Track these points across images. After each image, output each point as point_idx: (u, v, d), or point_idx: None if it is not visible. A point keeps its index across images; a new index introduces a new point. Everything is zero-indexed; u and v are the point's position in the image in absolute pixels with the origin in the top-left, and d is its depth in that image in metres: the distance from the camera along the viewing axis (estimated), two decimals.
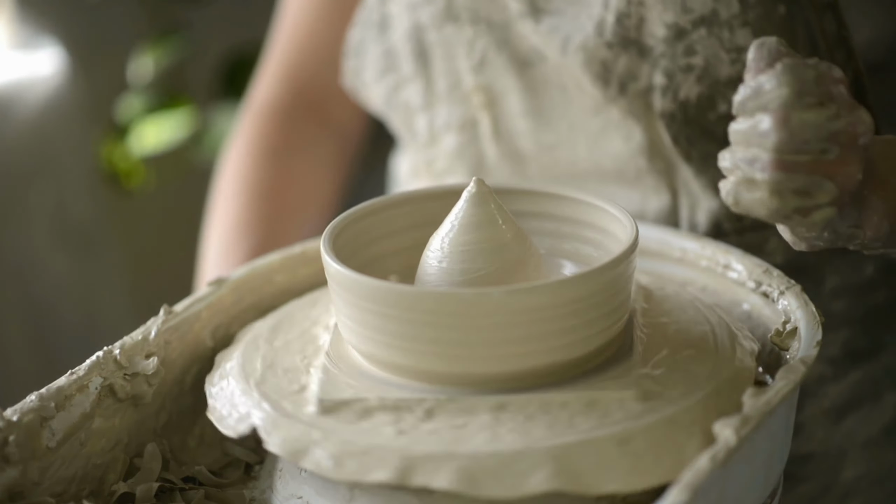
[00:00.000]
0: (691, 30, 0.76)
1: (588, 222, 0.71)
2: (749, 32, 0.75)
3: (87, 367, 0.67)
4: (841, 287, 0.84)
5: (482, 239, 0.65)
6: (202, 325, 0.74)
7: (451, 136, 0.90)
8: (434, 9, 0.87)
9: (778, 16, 0.75)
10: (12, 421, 0.62)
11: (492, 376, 0.62)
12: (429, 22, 0.87)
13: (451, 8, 0.86)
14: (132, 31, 1.77)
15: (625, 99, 0.80)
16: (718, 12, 0.75)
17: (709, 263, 0.76)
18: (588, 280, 0.61)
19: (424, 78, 0.89)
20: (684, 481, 0.54)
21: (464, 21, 0.86)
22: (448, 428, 0.60)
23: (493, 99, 0.87)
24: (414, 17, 0.88)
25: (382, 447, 0.59)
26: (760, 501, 0.61)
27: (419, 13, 0.87)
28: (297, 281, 0.79)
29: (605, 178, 0.85)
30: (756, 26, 0.75)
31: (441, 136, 0.91)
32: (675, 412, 0.60)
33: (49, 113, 1.68)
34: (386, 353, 0.63)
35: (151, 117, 1.73)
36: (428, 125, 0.91)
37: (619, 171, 0.84)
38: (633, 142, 0.82)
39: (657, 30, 0.77)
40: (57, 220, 1.71)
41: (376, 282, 0.62)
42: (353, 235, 0.70)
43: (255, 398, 0.64)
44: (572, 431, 0.59)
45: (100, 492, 0.67)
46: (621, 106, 0.81)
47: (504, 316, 0.60)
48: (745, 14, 0.75)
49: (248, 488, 0.68)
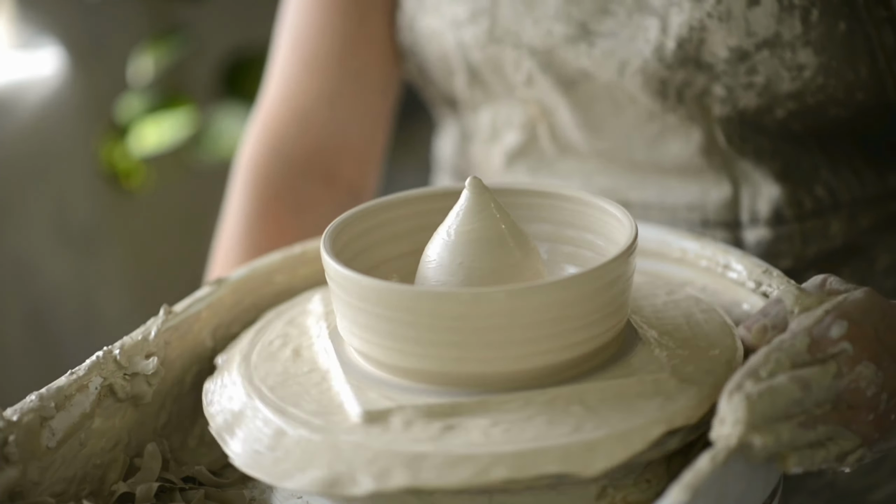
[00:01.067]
0: (754, 52, 0.78)
1: (588, 221, 0.71)
2: (811, 51, 0.77)
3: (87, 367, 0.67)
4: (893, 265, 0.86)
5: (482, 239, 0.65)
6: (202, 325, 0.74)
7: (512, 133, 0.91)
8: (478, 30, 0.87)
9: (839, 33, 0.77)
10: (12, 421, 0.62)
11: (491, 377, 0.62)
12: (472, 42, 0.88)
13: (493, 31, 0.86)
14: (132, 31, 1.77)
15: (683, 107, 0.82)
16: (781, 34, 0.77)
17: (708, 263, 0.76)
18: (588, 279, 0.61)
19: (481, 85, 0.90)
20: (684, 481, 0.54)
21: (506, 44, 0.86)
22: (443, 430, 0.60)
23: (545, 110, 0.89)
24: (458, 36, 0.88)
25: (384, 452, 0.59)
26: (760, 501, 0.61)
27: (462, 32, 0.88)
28: (297, 281, 0.79)
29: (666, 174, 0.87)
30: (818, 45, 0.77)
31: (503, 132, 0.92)
32: (677, 410, 0.60)
33: (49, 113, 1.68)
34: (385, 355, 0.63)
35: (151, 117, 1.73)
36: (491, 121, 0.92)
37: (680, 168, 0.86)
38: (691, 143, 0.84)
39: (720, 51, 0.79)
40: (57, 220, 1.71)
41: (376, 282, 0.62)
42: (353, 236, 0.70)
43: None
44: (574, 431, 0.59)
45: (100, 492, 0.67)
46: (679, 113, 0.83)
47: (504, 316, 0.60)
48: (808, 34, 0.77)
49: (248, 488, 0.68)
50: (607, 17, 0.82)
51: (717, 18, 0.78)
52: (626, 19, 0.82)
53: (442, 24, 0.89)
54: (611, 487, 0.61)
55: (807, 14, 0.77)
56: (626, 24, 0.82)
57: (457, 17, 0.88)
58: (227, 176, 1.03)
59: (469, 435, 0.59)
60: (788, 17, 0.77)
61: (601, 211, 0.70)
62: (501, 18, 0.86)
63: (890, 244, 0.86)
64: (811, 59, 0.78)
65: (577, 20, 0.83)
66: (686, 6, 0.79)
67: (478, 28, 0.87)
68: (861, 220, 0.84)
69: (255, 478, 0.63)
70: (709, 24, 0.78)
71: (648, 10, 0.81)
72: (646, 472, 0.62)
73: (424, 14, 0.90)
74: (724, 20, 0.78)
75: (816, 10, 0.77)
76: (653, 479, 0.62)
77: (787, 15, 0.77)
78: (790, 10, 0.77)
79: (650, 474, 0.62)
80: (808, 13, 0.77)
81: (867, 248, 0.85)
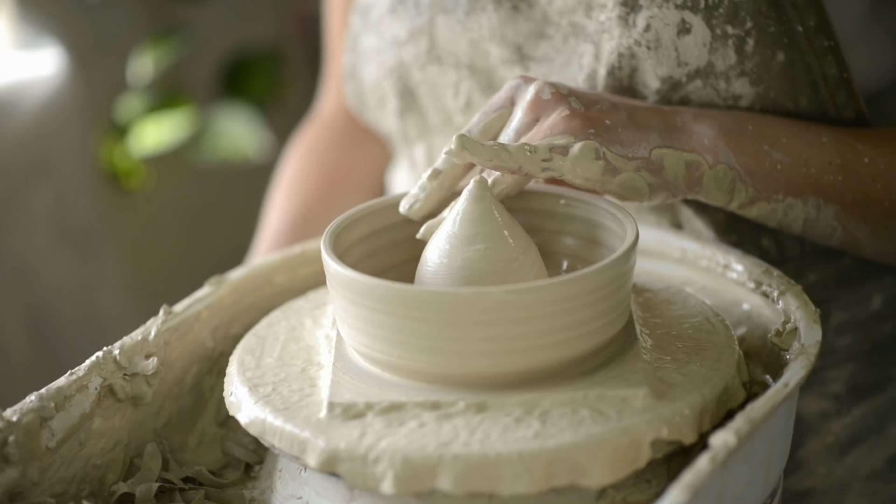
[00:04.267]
0: (686, 82, 0.75)
1: (588, 221, 0.71)
2: (747, 81, 0.74)
3: (86, 368, 0.67)
4: (846, 322, 0.83)
5: (481, 238, 0.65)
6: (202, 326, 0.74)
7: None
8: (418, 50, 0.86)
9: (777, 63, 0.74)
10: (12, 421, 0.62)
11: (489, 376, 0.62)
12: (412, 61, 0.87)
13: (434, 50, 0.85)
14: (132, 31, 1.77)
15: None
16: (714, 64, 0.74)
17: (708, 263, 0.76)
18: (587, 279, 0.61)
19: (417, 112, 0.90)
20: (684, 481, 0.54)
21: (447, 65, 0.85)
22: (442, 428, 0.60)
23: None
24: (398, 55, 0.88)
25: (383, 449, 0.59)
26: (760, 502, 0.61)
27: (402, 52, 0.87)
28: (297, 281, 0.79)
29: None
30: (754, 75, 0.74)
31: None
32: (674, 411, 0.60)
33: (49, 113, 1.68)
34: (385, 354, 0.63)
35: (151, 117, 1.73)
36: (426, 154, 0.91)
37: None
38: None
39: (651, 81, 0.76)
40: (57, 220, 1.71)
41: (375, 281, 0.62)
42: (354, 236, 0.70)
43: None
44: (570, 430, 0.59)
45: (100, 492, 0.67)
46: None
47: (502, 315, 0.60)
48: (743, 64, 0.74)
49: (247, 488, 0.68)
50: (543, 41, 0.81)
51: (645, 47, 0.75)
52: (561, 44, 0.80)
53: (381, 42, 0.89)
54: (611, 487, 0.61)
55: (741, 44, 0.73)
56: (561, 49, 0.80)
57: (397, 36, 0.87)
58: (228, 176, 1.04)
59: (421, 431, 0.60)
60: (721, 47, 0.74)
61: (601, 210, 0.70)
62: (439, 39, 0.85)
63: (844, 301, 0.83)
64: (747, 90, 0.74)
65: (513, 43, 0.81)
66: (615, 33, 0.76)
67: (417, 48, 0.86)
68: (809, 274, 0.81)
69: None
70: (638, 52, 0.75)
71: (583, 35, 0.79)
72: (646, 472, 0.62)
73: (367, 32, 0.90)
74: (652, 48, 0.75)
75: (752, 40, 0.73)
76: (653, 479, 0.62)
77: (720, 44, 0.74)
78: (723, 40, 0.74)
79: (650, 474, 0.62)
80: (743, 43, 0.73)
81: (817, 304, 0.79)
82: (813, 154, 0.72)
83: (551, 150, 0.66)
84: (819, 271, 0.81)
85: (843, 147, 0.73)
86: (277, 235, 1.00)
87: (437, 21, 0.84)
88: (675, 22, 0.74)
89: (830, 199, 0.73)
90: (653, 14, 0.74)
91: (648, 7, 0.74)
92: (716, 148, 0.70)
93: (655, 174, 0.68)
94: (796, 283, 0.71)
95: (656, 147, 0.69)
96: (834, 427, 0.83)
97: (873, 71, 0.78)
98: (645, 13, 0.75)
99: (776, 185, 0.71)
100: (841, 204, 0.73)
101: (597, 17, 0.77)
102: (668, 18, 0.74)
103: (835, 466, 0.84)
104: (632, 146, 0.68)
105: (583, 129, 0.68)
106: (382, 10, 0.88)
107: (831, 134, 0.73)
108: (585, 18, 0.78)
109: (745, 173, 0.71)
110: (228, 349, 0.75)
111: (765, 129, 0.72)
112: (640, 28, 0.75)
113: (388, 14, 0.88)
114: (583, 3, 0.78)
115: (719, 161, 0.70)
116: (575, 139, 0.67)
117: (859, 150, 0.73)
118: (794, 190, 0.72)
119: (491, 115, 0.71)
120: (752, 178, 0.71)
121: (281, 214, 1.03)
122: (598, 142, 0.67)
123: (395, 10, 0.87)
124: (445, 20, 0.84)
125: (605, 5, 0.77)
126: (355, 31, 0.92)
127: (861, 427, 0.84)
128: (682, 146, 0.70)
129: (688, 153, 0.69)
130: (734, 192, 0.71)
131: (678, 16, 0.74)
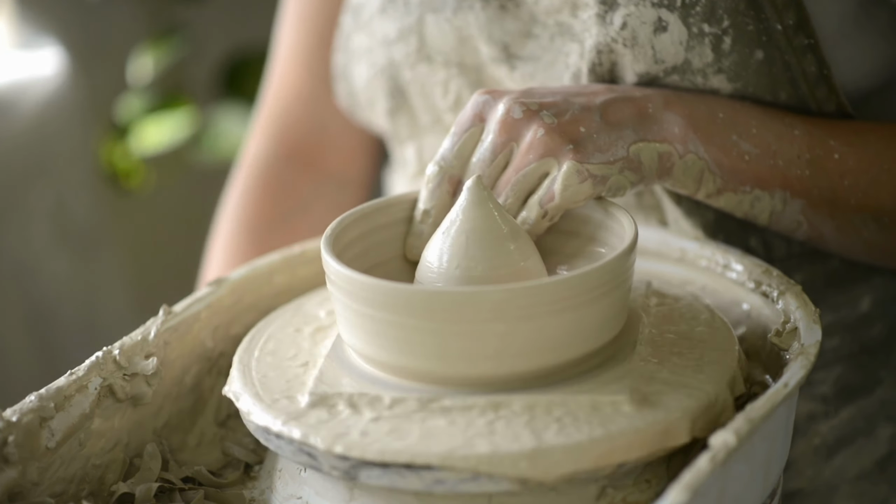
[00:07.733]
0: (663, 77, 0.75)
1: (586, 221, 0.71)
2: (724, 78, 0.74)
3: (86, 368, 0.67)
4: (834, 324, 0.83)
5: (480, 238, 0.65)
6: (201, 326, 0.74)
7: None
8: (408, 48, 0.86)
9: (755, 61, 0.73)
10: (12, 421, 0.62)
11: (487, 376, 0.62)
12: (402, 60, 0.87)
13: (423, 48, 0.86)
14: (132, 31, 1.77)
15: None
16: (691, 62, 0.74)
17: (708, 263, 0.76)
18: (586, 279, 0.61)
19: (407, 112, 0.90)
20: (684, 481, 0.54)
21: (437, 63, 0.86)
22: (441, 426, 0.60)
23: None
24: (388, 54, 0.88)
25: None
26: (760, 502, 0.61)
27: (392, 51, 0.87)
28: (297, 281, 0.79)
29: None
30: (731, 73, 0.74)
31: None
32: (668, 418, 0.60)
33: (49, 113, 1.68)
34: (384, 354, 0.63)
35: (151, 117, 1.74)
36: (417, 154, 0.91)
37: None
38: None
39: (629, 77, 0.76)
40: (57, 220, 1.71)
41: (375, 281, 0.62)
42: (354, 236, 0.70)
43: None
44: (565, 433, 0.59)
45: (99, 492, 0.67)
46: None
47: (500, 315, 0.60)
48: (720, 62, 0.73)
49: (247, 488, 0.68)
50: (529, 41, 0.81)
51: (622, 44, 0.75)
52: (548, 43, 0.80)
53: (372, 42, 0.89)
54: (610, 487, 0.61)
55: (718, 42, 0.73)
56: (547, 48, 0.80)
57: (387, 35, 0.87)
58: (227, 176, 1.05)
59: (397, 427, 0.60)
60: (698, 45, 0.73)
61: (601, 210, 0.70)
62: (428, 37, 0.85)
63: (832, 303, 0.82)
64: (725, 85, 0.74)
65: (500, 41, 0.81)
66: (594, 30, 0.76)
67: (407, 47, 0.86)
68: (795, 275, 0.80)
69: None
70: (616, 48, 0.75)
71: (570, 34, 0.78)
72: (646, 472, 0.62)
73: (358, 32, 0.90)
74: (629, 46, 0.75)
75: (729, 38, 0.73)
76: (653, 479, 0.62)
77: (697, 43, 0.73)
78: (700, 38, 0.73)
79: (650, 474, 0.62)
80: (720, 41, 0.73)
81: None
82: (782, 146, 0.72)
83: (540, 204, 0.68)
84: (806, 272, 0.81)
85: (814, 141, 0.73)
86: (229, 238, 1.00)
87: (427, 20, 0.85)
88: (652, 20, 0.74)
89: (797, 193, 0.73)
90: (629, 12, 0.74)
91: (626, 5, 0.74)
92: (685, 137, 0.70)
93: (636, 171, 0.69)
94: (795, 283, 0.71)
95: (632, 143, 0.69)
96: (821, 429, 0.83)
97: (864, 69, 0.78)
98: (622, 11, 0.75)
99: (743, 177, 0.72)
100: (807, 198, 0.73)
101: (582, 16, 0.78)
102: (645, 16, 0.74)
103: (822, 468, 0.84)
104: (610, 149, 0.69)
105: (561, 146, 0.68)
106: (373, 9, 0.88)
107: (804, 126, 0.73)
108: (571, 18, 0.78)
109: (714, 164, 0.71)
110: (228, 349, 0.75)
111: (736, 118, 0.72)
112: (616, 26, 0.75)
113: (378, 13, 0.88)
114: (568, 3, 0.78)
115: (689, 150, 0.70)
116: (556, 161, 0.67)
117: (830, 146, 0.73)
118: (761, 182, 0.72)
119: (463, 137, 0.71)
120: (720, 168, 0.71)
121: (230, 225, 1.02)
122: (578, 158, 0.67)
123: (385, 9, 0.87)
124: (434, 19, 0.84)
125: (588, 4, 0.77)
126: (347, 31, 0.92)
127: (849, 429, 0.84)
128: (653, 137, 0.70)
129: (660, 143, 0.70)
130: (702, 182, 0.71)
131: (654, 14, 0.74)
